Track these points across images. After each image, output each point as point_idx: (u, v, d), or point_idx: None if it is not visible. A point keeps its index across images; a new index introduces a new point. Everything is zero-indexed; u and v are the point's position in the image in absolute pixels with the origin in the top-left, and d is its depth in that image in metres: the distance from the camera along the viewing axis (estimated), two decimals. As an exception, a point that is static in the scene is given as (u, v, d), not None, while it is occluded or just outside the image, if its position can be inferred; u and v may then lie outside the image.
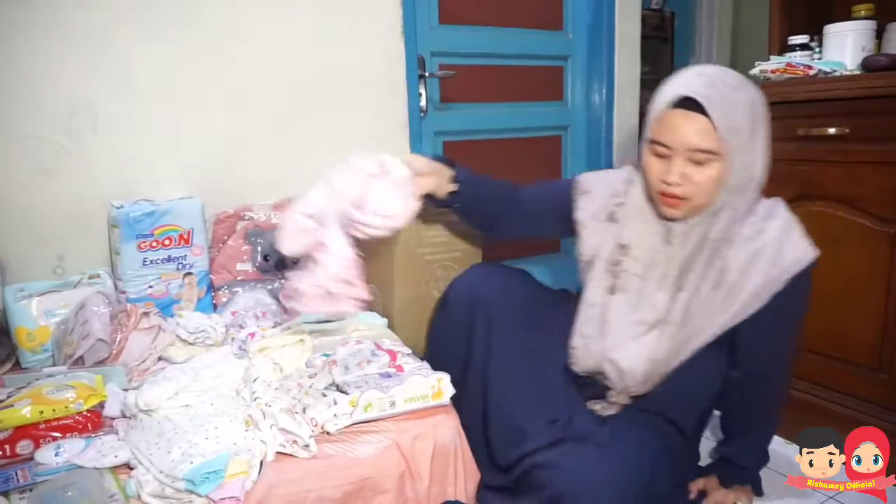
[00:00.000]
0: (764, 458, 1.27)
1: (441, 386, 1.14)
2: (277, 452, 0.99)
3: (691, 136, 1.01)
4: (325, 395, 1.10)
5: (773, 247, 1.07)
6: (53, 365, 1.30)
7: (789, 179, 1.68)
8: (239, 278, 1.67)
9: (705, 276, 1.11)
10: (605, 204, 1.24)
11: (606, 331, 1.18)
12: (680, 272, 1.13)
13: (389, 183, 1.16)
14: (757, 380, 1.17)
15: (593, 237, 1.23)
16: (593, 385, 1.23)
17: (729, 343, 1.15)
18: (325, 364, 1.21)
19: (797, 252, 1.08)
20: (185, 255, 1.53)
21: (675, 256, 1.14)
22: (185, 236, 1.52)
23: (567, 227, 1.29)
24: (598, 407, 1.22)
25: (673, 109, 1.03)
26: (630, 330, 1.16)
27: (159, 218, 1.48)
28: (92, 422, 1.04)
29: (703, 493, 1.27)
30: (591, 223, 1.24)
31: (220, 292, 1.64)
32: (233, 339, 1.36)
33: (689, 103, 1.01)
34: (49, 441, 0.99)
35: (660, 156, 1.07)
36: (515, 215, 1.34)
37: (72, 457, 0.94)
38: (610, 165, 2.50)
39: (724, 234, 1.10)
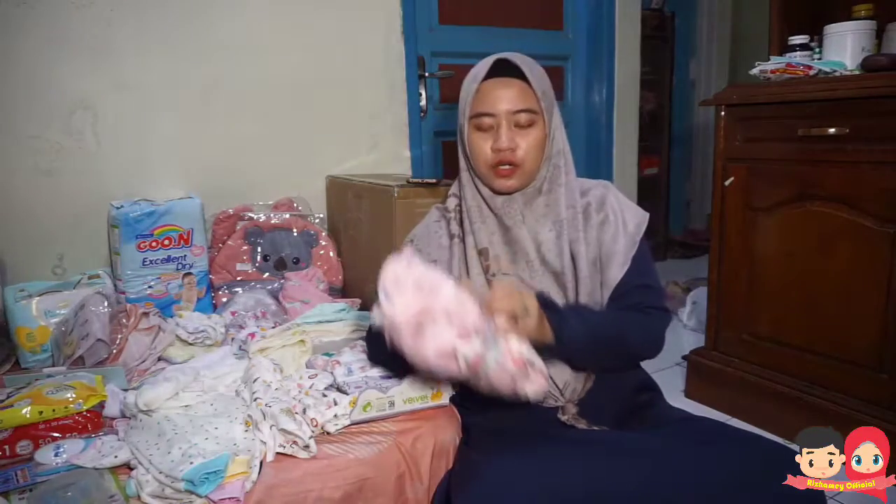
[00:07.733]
0: (587, 327, 1.01)
1: (441, 387, 1.14)
2: (277, 453, 0.99)
3: (513, 98, 1.07)
4: (325, 396, 1.10)
5: (616, 210, 1.13)
6: (53, 365, 1.30)
7: (789, 179, 1.68)
8: (239, 278, 1.67)
9: (562, 252, 1.09)
10: (433, 231, 1.20)
11: None
12: (538, 254, 1.11)
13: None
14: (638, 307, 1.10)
15: (454, 261, 1.16)
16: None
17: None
18: (328, 363, 1.21)
19: (638, 215, 1.14)
20: (185, 255, 1.53)
21: (519, 240, 1.11)
22: (185, 236, 1.52)
23: None
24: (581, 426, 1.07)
25: (488, 80, 1.10)
26: None
27: (159, 218, 1.48)
28: (92, 422, 1.04)
29: None
30: (441, 252, 1.18)
31: (220, 292, 1.64)
32: (233, 339, 1.36)
33: (502, 71, 1.09)
34: (49, 441, 0.99)
35: (484, 129, 1.10)
36: None
37: (71, 457, 0.94)
38: (609, 164, 2.50)
39: (561, 210, 1.10)
